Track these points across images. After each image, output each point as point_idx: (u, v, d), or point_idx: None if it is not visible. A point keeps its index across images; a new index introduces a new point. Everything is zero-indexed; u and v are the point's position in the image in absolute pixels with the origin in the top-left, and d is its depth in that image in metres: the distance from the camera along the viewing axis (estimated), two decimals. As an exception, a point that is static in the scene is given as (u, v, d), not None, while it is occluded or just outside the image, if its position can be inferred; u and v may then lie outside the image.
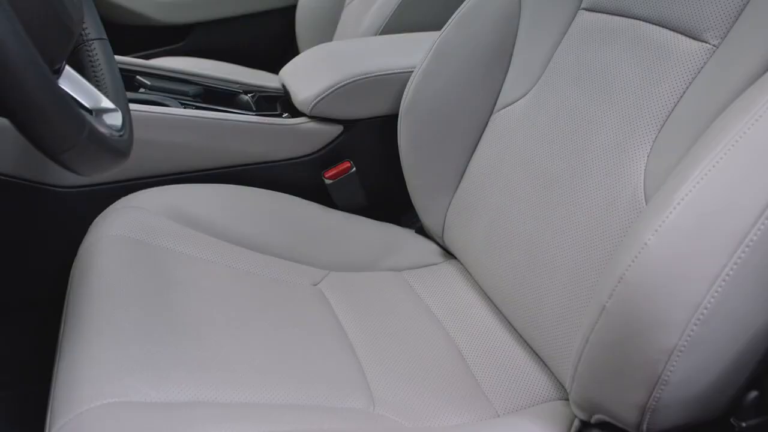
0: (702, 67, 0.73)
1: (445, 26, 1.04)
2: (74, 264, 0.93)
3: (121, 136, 0.69)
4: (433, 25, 1.27)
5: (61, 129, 0.54)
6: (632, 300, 0.58)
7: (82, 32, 0.85)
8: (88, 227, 0.99)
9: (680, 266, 0.56)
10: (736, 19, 0.71)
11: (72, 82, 0.73)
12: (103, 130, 0.63)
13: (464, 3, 1.04)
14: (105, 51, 0.85)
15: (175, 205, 1.02)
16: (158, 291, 0.84)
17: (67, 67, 0.74)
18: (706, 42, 0.74)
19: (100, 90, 0.81)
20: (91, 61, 0.84)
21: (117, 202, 1.03)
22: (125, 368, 0.70)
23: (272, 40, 2.19)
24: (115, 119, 0.73)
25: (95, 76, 0.83)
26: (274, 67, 1.51)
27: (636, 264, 0.58)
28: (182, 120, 1.10)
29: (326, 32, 1.89)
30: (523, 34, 0.99)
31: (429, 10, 1.42)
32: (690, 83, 0.74)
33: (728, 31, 0.72)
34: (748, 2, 0.70)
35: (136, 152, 1.08)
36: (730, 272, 0.55)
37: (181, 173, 1.13)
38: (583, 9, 0.91)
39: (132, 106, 1.07)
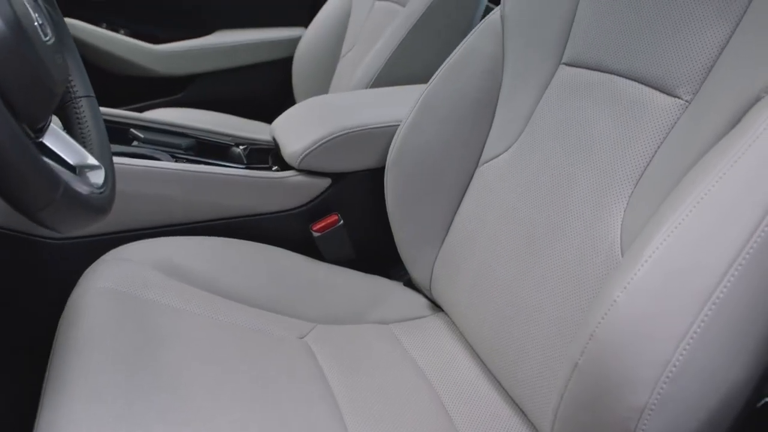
0: (675, 123, 0.75)
1: (431, 80, 1.07)
2: (62, 315, 0.94)
3: (101, 193, 0.71)
4: (422, 78, 1.30)
5: (36, 189, 0.55)
6: (602, 358, 0.59)
7: (71, 90, 0.87)
8: (79, 278, 1.00)
9: (648, 324, 0.57)
10: (707, 75, 0.73)
11: (57, 140, 0.75)
12: (80, 188, 0.64)
13: (449, 58, 1.06)
14: (92, 108, 0.87)
15: (163, 258, 1.04)
16: (142, 345, 0.85)
17: (53, 125, 0.76)
18: (679, 98, 0.76)
19: (85, 146, 0.83)
20: (78, 118, 0.86)
21: (107, 254, 1.04)
22: (107, 425, 0.71)
23: (270, 91, 2.23)
24: (97, 177, 0.75)
25: (81, 133, 0.85)
26: (272, 118, 1.54)
27: (605, 321, 0.59)
28: (172, 173, 1.12)
29: (322, 83, 1.93)
30: (507, 88, 1.01)
31: (418, 63, 1.45)
32: (664, 139, 0.75)
33: (700, 87, 0.73)
34: (717, 58, 0.72)
35: (127, 205, 1.10)
36: (698, 330, 0.56)
37: (172, 225, 1.14)
38: (564, 64, 0.94)
39: (123, 159, 1.09)
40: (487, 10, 1.52)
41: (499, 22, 1.02)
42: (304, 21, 2.11)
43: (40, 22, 0.70)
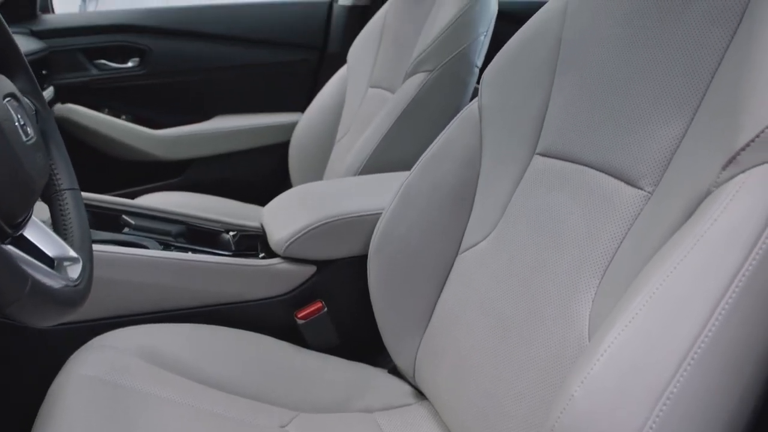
0: (638, 214, 0.78)
1: (411, 171, 1.10)
2: (42, 404, 0.96)
3: (75, 286, 0.74)
4: (412, 164, 1.34)
5: (2, 286, 0.58)
6: (561, 453, 0.60)
7: (55, 182, 0.91)
8: (62, 365, 1.02)
9: (604, 420, 0.58)
10: (667, 167, 0.76)
11: (36, 232, 0.79)
12: (51, 282, 0.67)
13: (429, 148, 1.10)
14: (75, 200, 0.91)
15: (147, 345, 1.05)
16: (120, 435, 0.86)
17: (33, 218, 0.79)
18: (641, 189, 0.78)
19: (66, 239, 0.86)
20: (61, 209, 0.89)
21: (92, 341, 1.06)
22: None
23: (267, 175, 2.29)
24: (73, 270, 0.77)
25: (63, 225, 0.88)
26: (269, 201, 1.58)
27: (564, 416, 0.60)
28: (159, 261, 1.15)
29: (318, 168, 1.98)
30: (484, 178, 1.04)
31: (407, 150, 1.50)
32: (628, 230, 0.78)
33: (660, 179, 0.76)
34: (676, 150, 0.75)
35: (114, 292, 1.13)
36: (653, 425, 0.57)
37: (158, 312, 1.17)
38: (538, 154, 0.97)
39: (110, 247, 1.13)
40: (476, 92, 1.57)
41: (476, 113, 1.07)
42: (301, 106, 2.17)
43: (22, 122, 0.74)
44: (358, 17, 2.27)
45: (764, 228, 0.59)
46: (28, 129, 0.76)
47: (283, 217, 1.26)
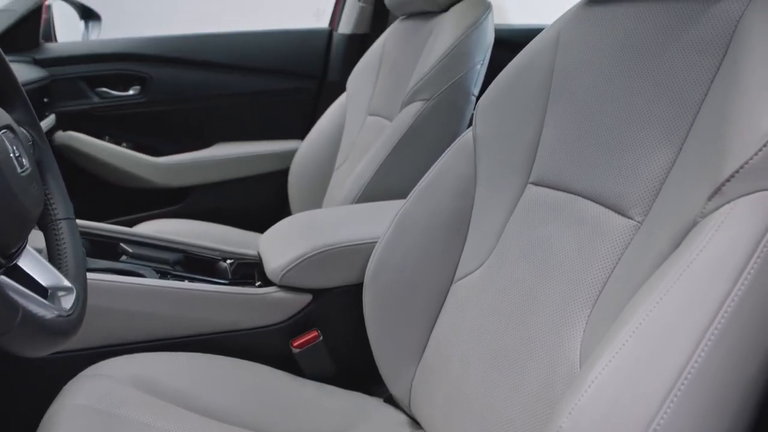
0: (628, 244, 0.78)
1: (406, 199, 1.11)
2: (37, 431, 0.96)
3: (68, 316, 0.74)
4: (408, 193, 1.35)
5: None
6: (549, 484, 0.60)
7: (51, 212, 0.92)
8: (57, 394, 1.02)
9: (591, 451, 0.58)
10: (656, 197, 0.76)
11: (31, 262, 0.80)
12: (42, 312, 0.67)
13: (424, 177, 1.11)
14: (71, 230, 0.92)
15: (141, 374, 1.06)
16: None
17: (28, 247, 0.80)
18: (632, 219, 0.79)
19: (61, 269, 0.87)
20: (56, 239, 0.90)
21: (87, 370, 1.06)
22: None
23: (267, 202, 2.30)
24: (66, 301, 0.78)
25: (58, 255, 0.89)
26: (268, 229, 1.59)
27: (552, 447, 0.60)
28: (154, 290, 1.15)
29: (317, 195, 1.99)
30: (479, 207, 1.05)
31: (404, 178, 1.50)
32: (618, 260, 0.79)
33: (650, 209, 0.77)
34: (664, 180, 0.76)
35: (109, 321, 1.13)
36: (641, 456, 0.57)
37: (153, 340, 1.17)
38: (531, 183, 0.98)
39: (107, 276, 1.13)
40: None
41: (471, 142, 1.08)
42: (301, 134, 2.19)
43: (17, 154, 0.75)
44: (358, 46, 2.29)
45: (749, 258, 0.60)
46: (23, 160, 0.77)
47: (279, 246, 1.27)
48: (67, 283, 0.82)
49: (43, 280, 0.80)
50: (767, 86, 0.65)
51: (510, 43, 1.58)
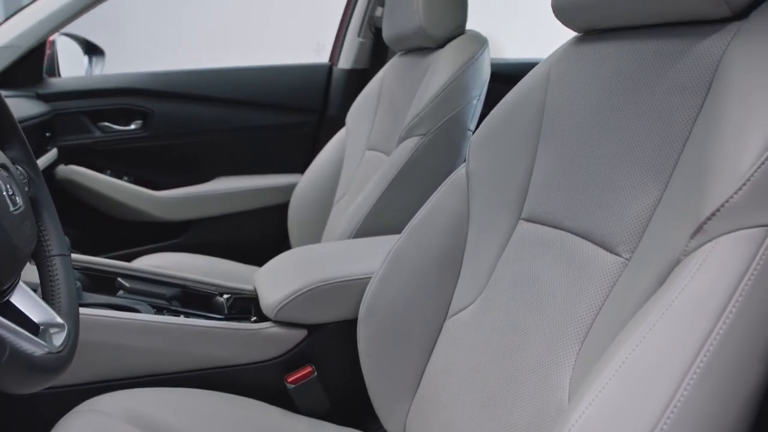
0: (616, 281, 0.79)
1: (400, 235, 1.12)
2: None
3: (58, 353, 0.75)
4: (403, 228, 1.36)
5: None
6: None
7: (45, 248, 0.93)
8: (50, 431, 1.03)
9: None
10: (642, 235, 0.77)
11: (23, 298, 0.81)
12: (31, 349, 0.68)
13: (418, 213, 1.12)
14: (65, 267, 0.93)
15: (135, 410, 1.06)
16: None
17: (21, 284, 0.81)
18: (619, 256, 0.80)
19: (53, 305, 0.88)
20: (50, 276, 0.91)
21: (81, 405, 1.07)
22: None
23: (266, 236, 2.31)
24: (57, 338, 0.79)
25: (51, 291, 0.90)
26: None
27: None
28: (149, 326, 1.16)
29: (316, 230, 2.00)
30: (472, 243, 1.06)
31: (401, 213, 1.51)
32: (606, 298, 0.79)
33: (636, 246, 0.78)
34: (651, 218, 0.77)
35: (104, 356, 1.14)
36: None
37: (148, 376, 1.17)
38: (523, 219, 0.99)
39: (102, 311, 1.14)
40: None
41: (464, 178, 1.09)
42: (301, 168, 2.21)
43: (11, 192, 0.77)
44: (357, 80, 2.32)
45: (731, 297, 0.61)
46: (17, 198, 0.78)
47: (274, 281, 1.28)
48: (59, 319, 0.83)
49: (35, 317, 0.81)
50: (747, 125, 0.66)
51: (507, 76, 1.60)
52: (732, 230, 0.64)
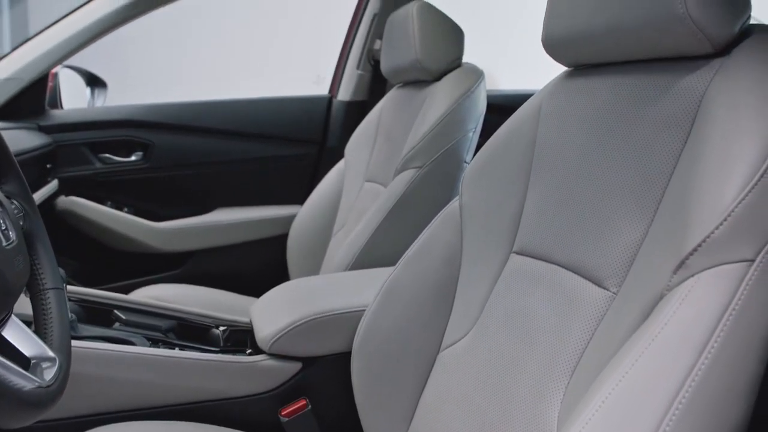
0: (604, 316, 0.79)
1: (394, 267, 1.13)
2: None
3: (48, 387, 0.76)
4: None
5: None
6: None
7: (39, 281, 0.94)
8: None
9: None
10: (629, 269, 0.78)
11: (15, 332, 0.82)
12: (20, 384, 0.69)
13: (412, 245, 1.13)
14: (58, 300, 0.94)
15: None
16: None
17: (13, 317, 0.82)
18: (607, 290, 0.81)
19: (46, 338, 0.89)
20: (43, 309, 0.92)
21: None
22: None
23: (266, 268, 2.32)
24: (48, 372, 0.80)
25: (44, 325, 0.91)
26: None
27: None
28: (143, 358, 1.16)
29: (315, 261, 2.01)
30: (465, 275, 1.07)
31: (397, 246, 1.52)
32: (594, 331, 0.80)
33: (623, 280, 0.78)
34: (638, 251, 0.78)
35: (98, 389, 1.14)
36: None
37: (142, 409, 1.18)
38: (515, 252, 1.00)
39: (96, 344, 1.15)
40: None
41: (458, 211, 1.10)
42: (300, 199, 2.22)
43: (3, 227, 0.78)
44: (356, 112, 2.34)
45: (713, 332, 0.61)
46: (10, 233, 0.79)
47: (269, 314, 1.29)
48: (50, 353, 0.83)
49: (26, 350, 0.81)
50: (728, 160, 0.67)
51: (504, 107, 1.62)
52: (714, 265, 0.64)
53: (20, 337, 0.81)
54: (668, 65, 0.82)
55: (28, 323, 0.87)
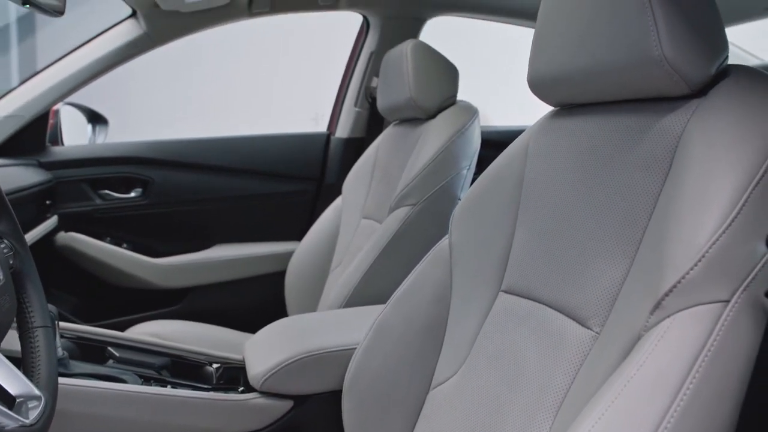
0: (587, 355, 0.80)
1: (385, 306, 1.13)
2: None
3: (31, 426, 0.76)
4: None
5: None
6: None
7: (28, 320, 0.95)
8: None
9: None
10: (611, 309, 0.79)
11: (1, 370, 0.82)
12: (3, 423, 0.70)
13: (402, 284, 1.14)
14: (46, 339, 0.95)
15: None
16: None
17: (0, 356, 0.83)
18: (590, 329, 0.81)
19: (32, 377, 0.89)
20: (31, 348, 0.93)
21: None
22: None
23: (264, 304, 2.32)
24: (32, 412, 0.80)
25: (32, 363, 0.92)
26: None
27: None
28: (134, 396, 1.17)
29: (313, 297, 2.02)
30: (454, 314, 1.07)
31: (391, 283, 1.53)
32: (578, 371, 0.80)
33: (606, 320, 0.79)
34: (619, 292, 0.78)
35: (88, 427, 1.14)
36: None
37: None
38: (503, 291, 1.00)
39: (87, 382, 1.15)
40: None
41: (447, 250, 1.11)
42: (298, 236, 2.24)
43: (-9, 267, 0.79)
44: (354, 149, 2.37)
45: (688, 374, 0.62)
46: (-4, 272, 0.80)
47: (262, 351, 1.29)
48: (36, 391, 0.84)
49: (12, 389, 0.82)
50: (704, 201, 0.68)
51: (496, 142, 1.63)
52: (689, 306, 0.65)
53: (6, 375, 0.82)
54: (648, 106, 0.83)
55: (16, 359, 0.88)
